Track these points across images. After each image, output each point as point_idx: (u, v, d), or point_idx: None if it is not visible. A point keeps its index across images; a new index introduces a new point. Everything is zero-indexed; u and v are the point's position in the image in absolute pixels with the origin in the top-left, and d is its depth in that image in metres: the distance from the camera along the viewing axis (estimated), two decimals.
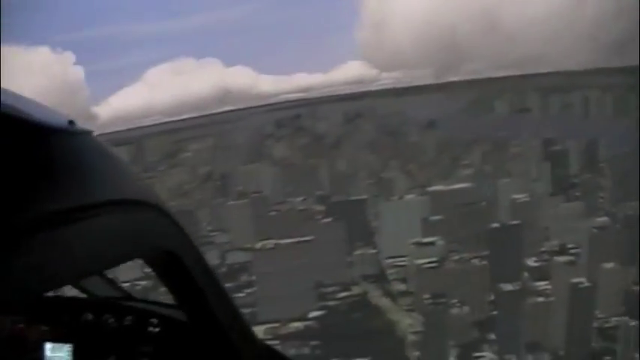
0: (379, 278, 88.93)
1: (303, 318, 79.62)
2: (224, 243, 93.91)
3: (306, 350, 70.10)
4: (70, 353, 2.38)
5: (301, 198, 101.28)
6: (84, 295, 2.63)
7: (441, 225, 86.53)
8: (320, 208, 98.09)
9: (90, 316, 2.42)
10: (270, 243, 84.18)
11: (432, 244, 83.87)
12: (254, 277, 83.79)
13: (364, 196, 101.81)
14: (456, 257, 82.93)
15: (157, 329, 2.29)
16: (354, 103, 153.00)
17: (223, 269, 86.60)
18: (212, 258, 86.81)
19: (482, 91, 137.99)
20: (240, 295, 79.29)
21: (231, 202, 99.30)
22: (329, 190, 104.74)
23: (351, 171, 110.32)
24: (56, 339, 2.41)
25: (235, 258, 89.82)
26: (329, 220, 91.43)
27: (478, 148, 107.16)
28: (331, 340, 74.43)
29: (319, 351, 73.16)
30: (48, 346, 2.41)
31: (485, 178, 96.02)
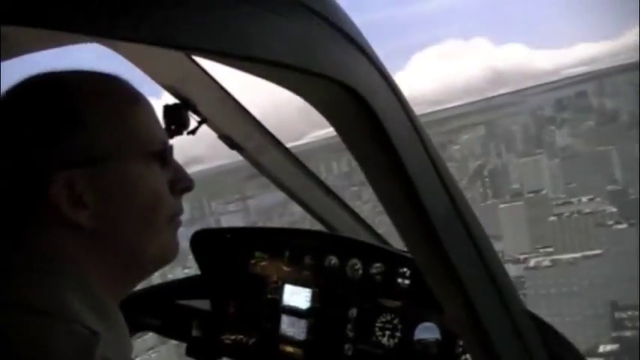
0: None
1: (592, 353, 68.71)
2: None
3: None
4: (310, 299, 2.35)
5: (588, 197, 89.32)
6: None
7: None
8: (612, 209, 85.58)
9: (334, 260, 2.31)
10: (548, 257, 74.62)
11: None
12: (527, 299, 75.50)
13: None
14: None
15: (408, 282, 2.12)
16: None
17: None
18: None
19: None
20: None
21: (504, 205, 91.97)
22: (623, 184, 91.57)
23: None
24: (297, 282, 2.40)
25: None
26: (624, 225, 78.47)
27: None
28: None
29: None
30: (288, 288, 2.41)
31: None
